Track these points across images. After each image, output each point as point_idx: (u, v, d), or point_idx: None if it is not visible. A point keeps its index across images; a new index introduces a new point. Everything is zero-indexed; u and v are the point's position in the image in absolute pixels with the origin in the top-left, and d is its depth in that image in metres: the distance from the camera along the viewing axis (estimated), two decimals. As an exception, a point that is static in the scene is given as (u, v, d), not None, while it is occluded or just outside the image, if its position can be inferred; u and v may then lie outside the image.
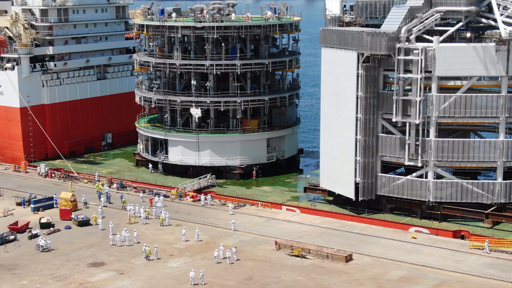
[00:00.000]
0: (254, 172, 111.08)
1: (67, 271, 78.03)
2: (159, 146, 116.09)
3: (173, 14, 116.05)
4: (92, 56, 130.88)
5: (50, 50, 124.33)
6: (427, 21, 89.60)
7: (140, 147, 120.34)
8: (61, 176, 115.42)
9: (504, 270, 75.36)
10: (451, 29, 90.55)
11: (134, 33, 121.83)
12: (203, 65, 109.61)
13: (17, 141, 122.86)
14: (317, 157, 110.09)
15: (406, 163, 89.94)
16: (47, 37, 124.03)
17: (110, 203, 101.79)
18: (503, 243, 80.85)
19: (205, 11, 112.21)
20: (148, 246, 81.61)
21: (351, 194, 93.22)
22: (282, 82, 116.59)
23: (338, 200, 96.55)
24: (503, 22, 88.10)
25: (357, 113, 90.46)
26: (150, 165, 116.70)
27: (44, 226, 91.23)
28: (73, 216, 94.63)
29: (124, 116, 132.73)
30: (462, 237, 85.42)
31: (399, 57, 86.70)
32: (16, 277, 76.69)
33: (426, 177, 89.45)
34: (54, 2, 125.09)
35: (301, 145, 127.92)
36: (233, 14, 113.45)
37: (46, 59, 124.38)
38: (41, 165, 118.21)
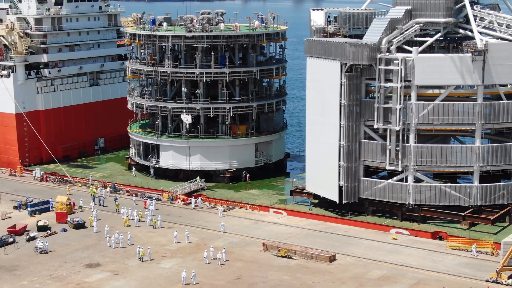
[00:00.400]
0: (248, 175, 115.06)
1: (64, 272, 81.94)
2: (151, 150, 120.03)
3: (164, 24, 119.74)
4: (85, 63, 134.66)
5: (44, 58, 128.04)
6: (407, 32, 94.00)
7: (132, 151, 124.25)
8: (56, 180, 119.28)
9: (479, 269, 79.75)
10: (430, 40, 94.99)
11: (126, 41, 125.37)
12: (193, 73, 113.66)
13: (12, 146, 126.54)
14: (304, 161, 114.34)
15: (387, 167, 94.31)
16: (42, 45, 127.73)
17: (104, 206, 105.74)
18: (479, 243, 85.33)
19: (194, 21, 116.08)
20: (142, 248, 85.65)
21: (335, 197, 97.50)
22: (270, 89, 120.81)
23: (323, 203, 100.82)
24: (479, 33, 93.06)
25: (340, 120, 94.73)
26: (133, 168, 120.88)
27: (41, 229, 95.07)
28: (68, 219, 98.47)
29: (116, 121, 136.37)
30: (440, 238, 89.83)
31: (380, 67, 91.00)
32: (16, 277, 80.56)
33: (406, 181, 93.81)
34: (48, 11, 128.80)
35: (289, 146, 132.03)
36: (222, 24, 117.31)
37: (41, 66, 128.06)
38: (37, 169, 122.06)
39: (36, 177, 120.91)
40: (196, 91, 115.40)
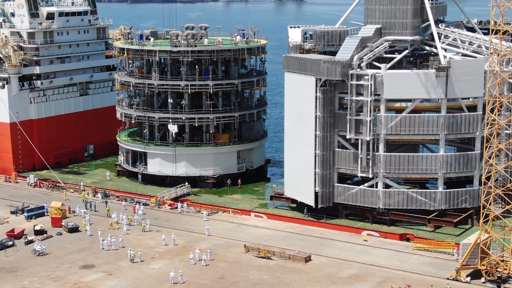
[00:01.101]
0: (239, 180, 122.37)
1: (61, 272, 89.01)
2: (139, 158, 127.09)
3: (151, 39, 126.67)
4: (75, 74, 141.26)
5: (37, 70, 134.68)
6: (376, 49, 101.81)
7: (121, 158, 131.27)
8: (49, 186, 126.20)
9: (441, 268, 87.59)
10: (398, 57, 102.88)
11: (114, 54, 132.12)
12: (179, 85, 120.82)
13: (7, 154, 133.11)
14: (283, 166, 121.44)
15: (359, 174, 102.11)
16: (34, 58, 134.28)
17: (95, 211, 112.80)
18: (442, 244, 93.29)
19: (180, 36, 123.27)
20: (133, 250, 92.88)
21: (311, 202, 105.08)
22: (251, 100, 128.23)
23: (301, 207, 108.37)
24: (444, 50, 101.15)
25: (316, 131, 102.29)
26: (108, 172, 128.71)
27: (38, 233, 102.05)
28: (63, 223, 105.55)
29: (105, 129, 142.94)
30: (408, 240, 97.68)
31: (351, 82, 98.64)
32: (17, 278, 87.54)
33: (377, 187, 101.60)
34: (40, 25, 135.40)
35: (269, 150, 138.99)
36: (205, 40, 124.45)
37: (33, 78, 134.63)
38: (30, 176, 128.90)
39: (30, 183, 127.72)
40: (181, 102, 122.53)
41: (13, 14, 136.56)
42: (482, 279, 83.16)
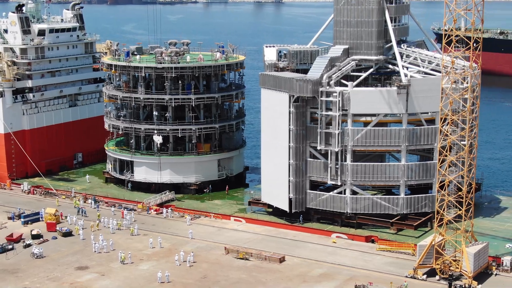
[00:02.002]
0: (227, 187, 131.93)
1: (59, 273, 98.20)
2: (126, 166, 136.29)
3: (138, 57, 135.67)
4: (64, 87, 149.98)
5: (29, 83, 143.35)
6: (344, 68, 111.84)
7: (109, 166, 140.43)
8: (42, 192, 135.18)
9: (401, 267, 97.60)
10: (364, 75, 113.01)
11: (103, 69, 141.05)
12: (163, 98, 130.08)
13: (1, 162, 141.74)
14: (260, 173, 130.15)
15: (329, 182, 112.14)
16: (27, 72, 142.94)
17: (86, 216, 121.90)
18: (402, 245, 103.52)
19: (164, 54, 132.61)
20: (123, 253, 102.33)
21: (286, 207, 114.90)
22: (230, 111, 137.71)
23: (276, 211, 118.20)
24: (406, 68, 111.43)
25: (289, 142, 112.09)
26: (87, 176, 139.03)
27: (35, 237, 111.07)
28: (58, 228, 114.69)
29: (93, 138, 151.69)
30: (372, 241, 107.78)
31: (321, 99, 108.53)
32: (19, 279, 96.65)
33: (345, 193, 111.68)
34: (32, 41, 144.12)
35: (247, 154, 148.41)
36: (188, 57, 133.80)
37: (26, 91, 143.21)
38: (24, 183, 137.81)
39: (24, 190, 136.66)
40: (165, 114, 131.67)
41: (6, 31, 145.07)
42: (437, 277, 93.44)
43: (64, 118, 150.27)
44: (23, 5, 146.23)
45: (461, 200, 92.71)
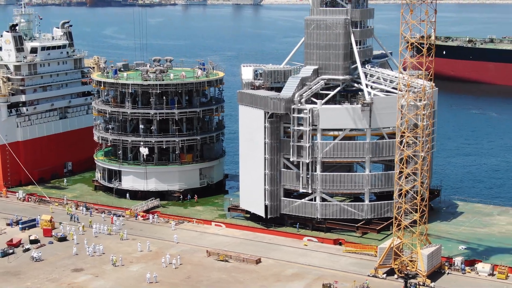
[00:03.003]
0: (195, 196, 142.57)
1: (57, 275, 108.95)
2: (114, 175, 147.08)
3: (125, 74, 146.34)
4: (55, 101, 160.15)
5: (23, 98, 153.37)
6: (314, 87, 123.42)
7: (98, 175, 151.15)
8: (36, 200, 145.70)
9: (364, 267, 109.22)
10: (332, 93, 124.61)
11: (89, 82, 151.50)
12: (149, 113, 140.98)
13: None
14: (238, 180, 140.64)
15: (300, 190, 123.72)
16: (20, 87, 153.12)
17: (78, 222, 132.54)
18: (365, 248, 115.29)
19: (149, 71, 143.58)
20: (115, 256, 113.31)
21: (262, 213, 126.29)
22: (210, 124, 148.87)
23: (253, 217, 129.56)
24: (370, 87, 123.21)
25: (265, 154, 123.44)
26: (65, 180, 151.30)
27: (33, 242, 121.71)
28: (53, 233, 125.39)
29: (82, 148, 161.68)
30: (340, 244, 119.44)
31: (293, 115, 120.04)
32: (21, 280, 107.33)
33: (315, 200, 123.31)
34: (25, 58, 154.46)
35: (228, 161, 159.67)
36: (171, 74, 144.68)
37: (20, 105, 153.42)
38: (19, 191, 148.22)
39: (19, 197, 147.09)
40: (151, 127, 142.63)
41: (0, 49, 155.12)
42: (395, 276, 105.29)
43: (55, 130, 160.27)
44: (16, 24, 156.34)
45: (416, 207, 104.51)
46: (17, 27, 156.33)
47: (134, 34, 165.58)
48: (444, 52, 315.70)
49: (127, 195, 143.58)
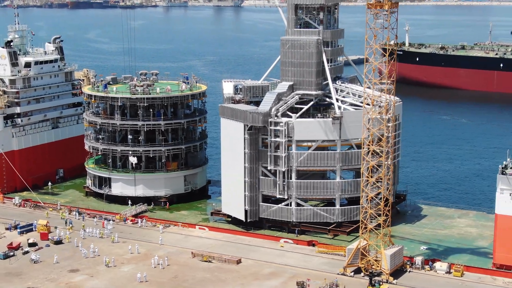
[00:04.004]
0: (167, 203, 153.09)
1: (55, 275, 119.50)
2: (104, 181, 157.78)
3: (114, 88, 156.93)
4: (48, 112, 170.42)
5: (17, 110, 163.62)
6: (289, 101, 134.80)
7: (89, 182, 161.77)
8: (32, 205, 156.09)
9: (334, 266, 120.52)
10: (305, 107, 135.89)
11: (85, 99, 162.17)
12: (137, 124, 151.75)
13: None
14: (220, 185, 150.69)
15: (277, 196, 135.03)
16: (15, 100, 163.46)
17: (72, 226, 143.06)
18: (336, 248, 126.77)
19: (137, 86, 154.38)
20: (107, 258, 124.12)
21: (242, 217, 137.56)
22: (194, 134, 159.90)
23: (234, 221, 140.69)
24: (340, 101, 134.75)
25: (245, 163, 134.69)
26: (49, 184, 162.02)
27: (31, 245, 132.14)
28: (50, 237, 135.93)
29: (72, 156, 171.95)
30: (313, 245, 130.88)
31: (271, 128, 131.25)
32: (23, 280, 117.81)
33: (291, 205, 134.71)
34: (20, 73, 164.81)
35: (210, 166, 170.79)
36: (158, 88, 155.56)
37: (15, 116, 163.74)
38: (16, 197, 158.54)
39: (16, 203, 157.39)
40: (139, 137, 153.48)
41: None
42: (362, 274, 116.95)
43: (47, 139, 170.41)
44: (11, 41, 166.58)
45: (380, 212, 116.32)
46: (11, 43, 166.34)
47: (117, 38, 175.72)
48: (417, 59, 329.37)
49: (129, 201, 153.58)
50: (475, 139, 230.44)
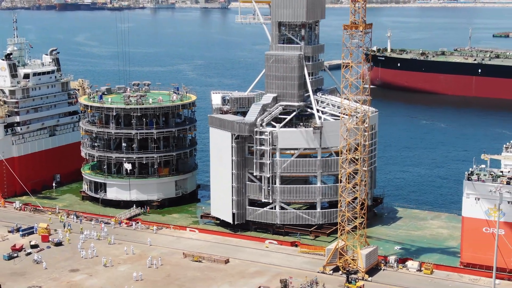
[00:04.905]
0: (148, 208, 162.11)
1: (57, 275, 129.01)
2: (99, 186, 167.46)
3: (109, 99, 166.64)
4: (45, 120, 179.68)
5: (17, 119, 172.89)
6: (273, 112, 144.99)
7: (85, 186, 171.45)
8: (31, 209, 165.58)
9: (315, 265, 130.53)
10: (288, 117, 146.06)
11: (81, 109, 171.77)
12: (131, 132, 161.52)
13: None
14: (209, 189, 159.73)
15: (263, 200, 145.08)
16: (15, 109, 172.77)
17: (71, 229, 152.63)
18: (316, 249, 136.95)
19: (131, 97, 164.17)
20: (105, 258, 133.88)
21: (230, 220, 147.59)
22: (184, 141, 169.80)
23: (223, 223, 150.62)
24: (321, 111, 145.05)
25: (232, 170, 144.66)
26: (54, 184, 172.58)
27: (33, 247, 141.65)
28: (50, 239, 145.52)
29: (68, 162, 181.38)
30: (296, 246, 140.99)
31: (256, 137, 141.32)
32: (27, 279, 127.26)
33: (275, 209, 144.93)
34: (19, 84, 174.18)
35: (200, 171, 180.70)
36: (150, 99, 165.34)
37: (15, 125, 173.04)
38: (16, 201, 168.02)
39: (16, 207, 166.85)
40: (132, 145, 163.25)
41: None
42: (340, 272, 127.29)
43: (45, 146, 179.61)
44: (11, 53, 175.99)
45: (356, 215, 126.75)
46: (11, 56, 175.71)
47: (107, 41, 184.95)
48: (398, 64, 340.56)
49: (134, 205, 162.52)
50: (451, 143, 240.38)
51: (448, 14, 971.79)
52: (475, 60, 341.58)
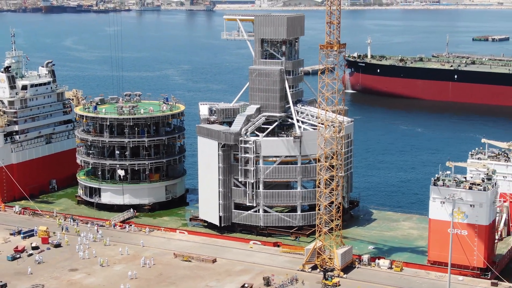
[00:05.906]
0: (135, 211, 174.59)
1: (58, 274, 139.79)
2: (94, 191, 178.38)
3: (103, 109, 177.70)
4: (42, 129, 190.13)
5: (16, 128, 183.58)
6: (257, 122, 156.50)
7: (80, 191, 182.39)
8: (30, 213, 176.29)
9: (295, 264, 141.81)
10: (271, 127, 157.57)
11: (76, 119, 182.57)
12: (123, 141, 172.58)
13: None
14: (197, 193, 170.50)
15: (247, 204, 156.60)
16: (14, 119, 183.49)
17: (68, 232, 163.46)
18: (297, 248, 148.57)
19: (124, 107, 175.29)
20: (102, 259, 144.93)
21: (217, 222, 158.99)
22: (174, 149, 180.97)
23: (210, 225, 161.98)
24: (301, 122, 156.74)
25: (219, 176, 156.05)
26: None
27: (34, 248, 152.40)
28: (50, 241, 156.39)
29: (64, 167, 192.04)
30: (278, 246, 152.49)
31: (241, 145, 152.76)
32: (30, 278, 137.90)
33: (259, 212, 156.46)
34: (17, 94, 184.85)
35: (189, 176, 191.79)
36: (142, 109, 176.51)
37: (14, 133, 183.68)
38: (16, 206, 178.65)
39: (16, 211, 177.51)
40: (125, 152, 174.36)
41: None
42: (318, 270, 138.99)
43: (42, 153, 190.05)
44: (9, 66, 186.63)
45: (332, 218, 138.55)
46: (10, 68, 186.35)
47: (95, 46, 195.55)
48: (378, 70, 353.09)
49: (131, 209, 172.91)
50: (424, 148, 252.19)
51: (430, 16, 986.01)
52: (451, 66, 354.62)
